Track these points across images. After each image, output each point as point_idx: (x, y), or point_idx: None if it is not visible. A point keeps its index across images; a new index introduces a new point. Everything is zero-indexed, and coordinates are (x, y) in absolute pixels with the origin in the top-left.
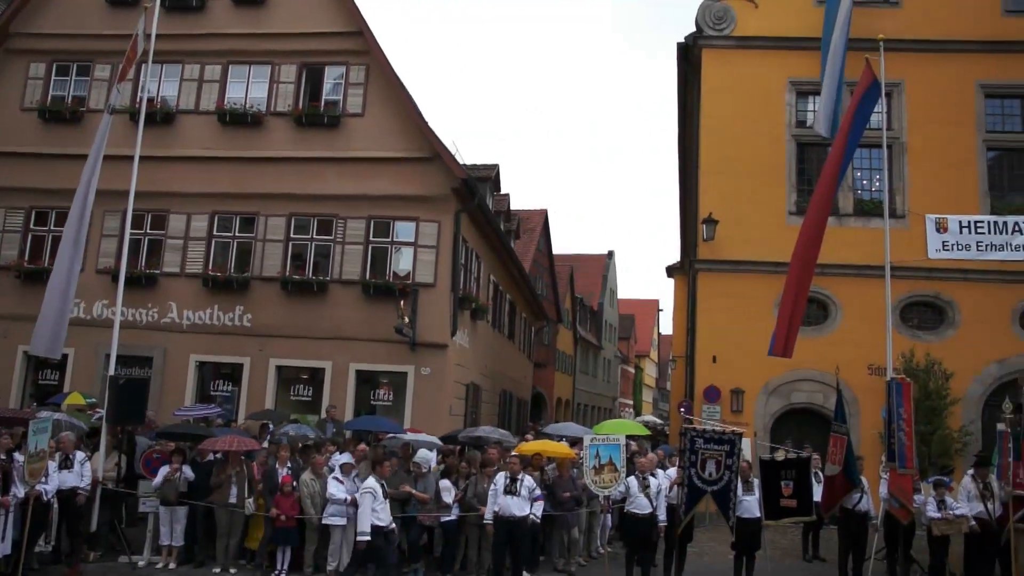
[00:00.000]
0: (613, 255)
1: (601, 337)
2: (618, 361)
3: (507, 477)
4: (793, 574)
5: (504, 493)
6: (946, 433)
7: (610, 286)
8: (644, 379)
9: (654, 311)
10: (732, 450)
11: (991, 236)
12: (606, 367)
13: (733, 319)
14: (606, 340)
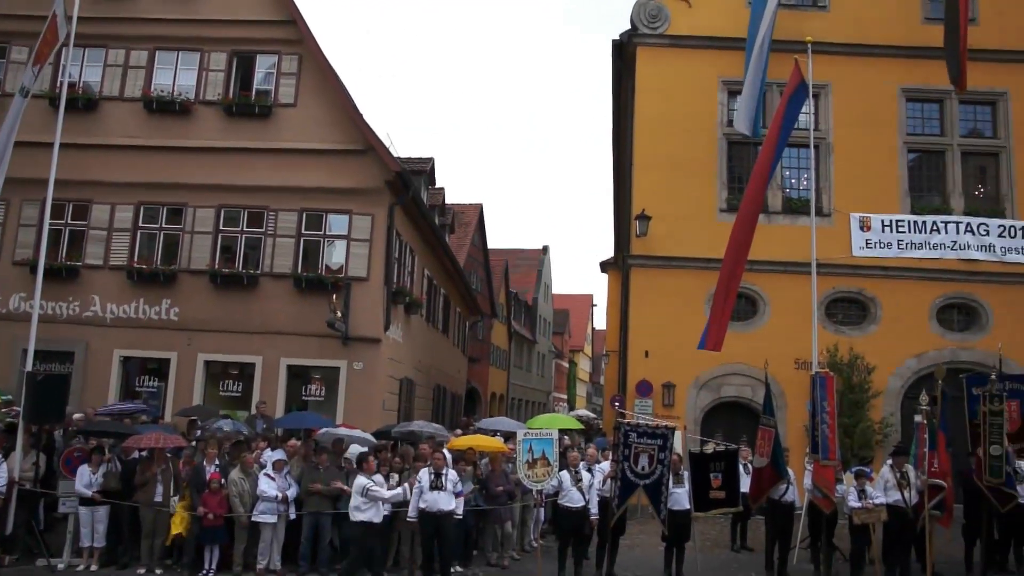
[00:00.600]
0: (548, 250)
1: (535, 332)
2: (552, 356)
3: (431, 472)
4: (721, 564)
5: (430, 488)
6: (868, 425)
7: (545, 281)
8: (578, 374)
9: (588, 306)
10: (665, 444)
11: (911, 235)
12: (540, 362)
13: (665, 314)
14: (540, 335)
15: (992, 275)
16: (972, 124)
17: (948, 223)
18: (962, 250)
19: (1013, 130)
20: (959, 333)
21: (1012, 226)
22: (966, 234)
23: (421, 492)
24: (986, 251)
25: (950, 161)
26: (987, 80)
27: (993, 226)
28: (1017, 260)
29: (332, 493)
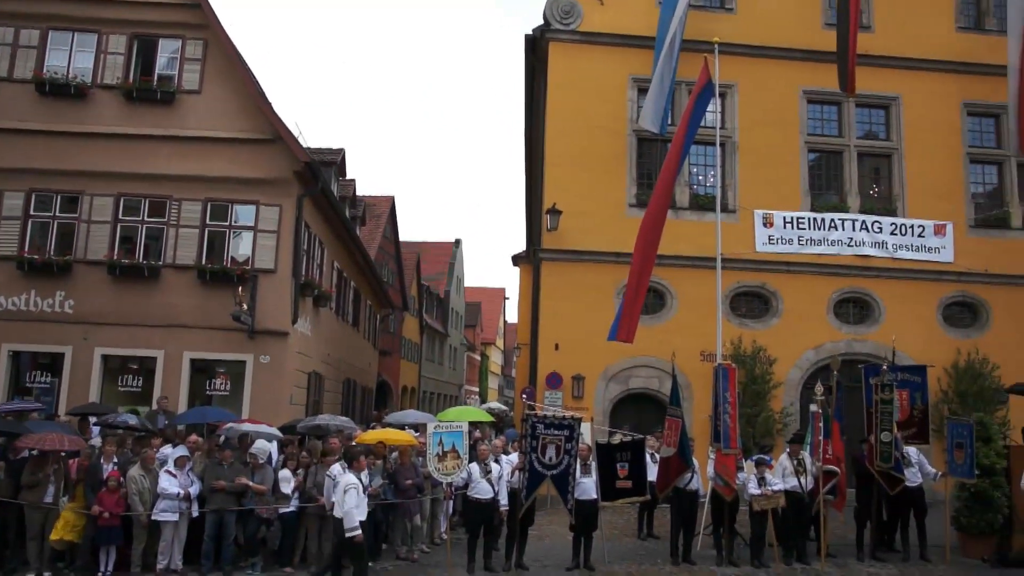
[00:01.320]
0: (460, 243)
1: (447, 325)
2: (464, 349)
3: (344, 467)
4: (628, 552)
5: None
6: (769, 415)
7: (457, 274)
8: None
9: (500, 299)
10: (572, 435)
11: (811, 231)
12: (452, 355)
13: (575, 307)
14: (452, 328)
15: (884, 271)
16: (868, 126)
17: (845, 221)
18: (857, 247)
19: (904, 133)
20: (854, 326)
21: (903, 224)
22: (861, 231)
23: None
24: (879, 248)
25: (847, 161)
26: (881, 85)
27: (886, 224)
28: (907, 256)
29: (236, 489)
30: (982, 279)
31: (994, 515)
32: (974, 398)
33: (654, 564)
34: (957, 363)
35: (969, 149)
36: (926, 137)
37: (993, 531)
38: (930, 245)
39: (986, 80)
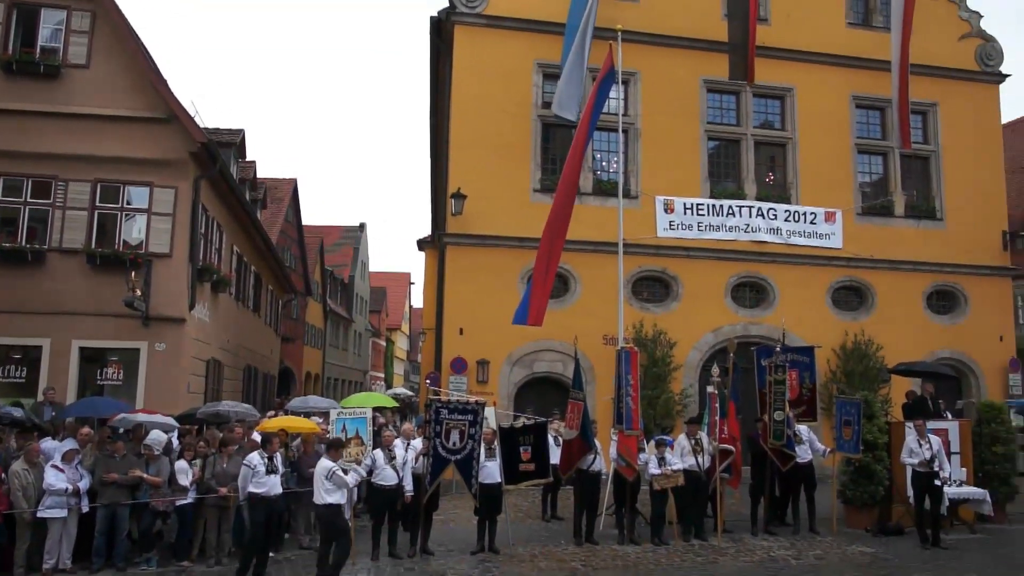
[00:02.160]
0: (365, 227)
1: (352, 310)
2: (369, 334)
3: (263, 456)
4: (533, 533)
5: (267, 472)
6: (669, 396)
7: (361, 259)
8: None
9: (406, 284)
10: (475, 419)
11: (710, 218)
12: (357, 340)
13: (480, 292)
14: (357, 313)
15: (778, 256)
16: (764, 116)
17: (742, 207)
18: (754, 233)
19: (798, 123)
20: (750, 309)
21: (796, 211)
22: (757, 218)
23: (257, 476)
24: (774, 234)
25: (745, 150)
26: (777, 76)
27: (780, 211)
28: (800, 243)
29: (130, 482)
30: (868, 264)
31: (876, 488)
32: (860, 377)
33: (558, 545)
34: (845, 344)
35: (857, 140)
36: (818, 128)
37: (875, 503)
38: (821, 232)
39: (873, 74)
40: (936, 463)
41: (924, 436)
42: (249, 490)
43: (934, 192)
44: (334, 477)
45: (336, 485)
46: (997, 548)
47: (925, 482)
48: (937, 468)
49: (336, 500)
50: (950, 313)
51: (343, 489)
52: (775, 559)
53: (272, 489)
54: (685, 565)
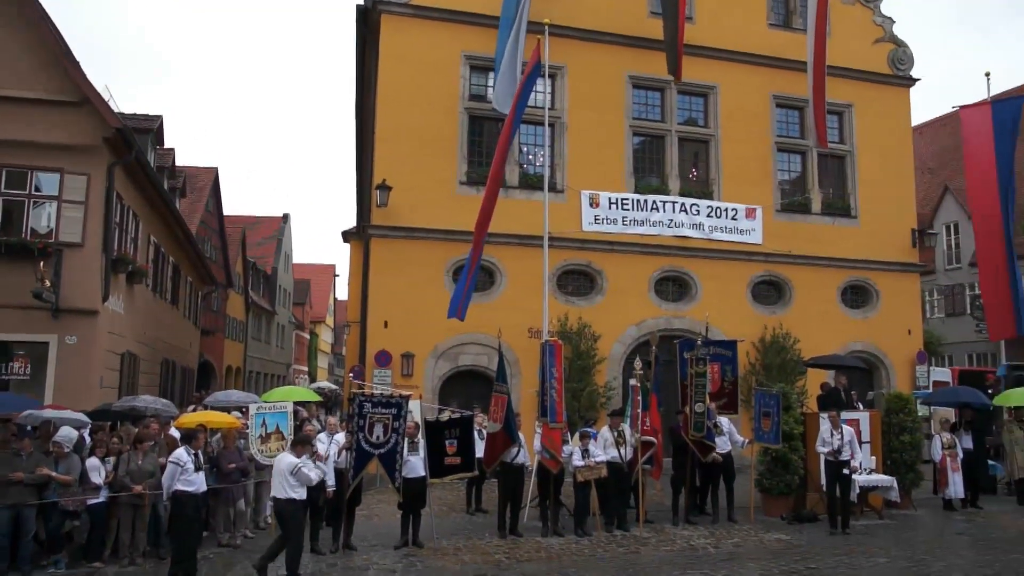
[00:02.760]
0: (289, 218)
1: (275, 303)
2: (293, 327)
3: (191, 452)
4: (457, 527)
5: (196, 470)
6: (594, 389)
7: (285, 250)
8: (320, 345)
9: (331, 276)
10: (399, 413)
11: (634, 212)
12: (280, 333)
13: (405, 285)
14: (280, 305)
15: (701, 251)
16: (688, 113)
17: (666, 202)
18: (677, 228)
19: (721, 121)
20: (673, 303)
21: (718, 207)
22: (680, 213)
23: (186, 473)
24: (697, 229)
25: (669, 146)
26: (701, 74)
27: (703, 206)
28: (722, 238)
29: (37, 481)
30: (786, 259)
31: (792, 477)
32: (778, 370)
33: (482, 538)
34: (764, 337)
35: (777, 138)
36: (740, 125)
37: (791, 491)
38: (742, 227)
39: (793, 75)
40: (847, 452)
41: (837, 427)
42: (177, 488)
43: (849, 191)
44: (299, 473)
45: (300, 482)
46: (903, 532)
47: (835, 470)
48: (847, 457)
49: (299, 496)
50: (863, 307)
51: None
52: (695, 548)
53: (200, 487)
54: (607, 556)
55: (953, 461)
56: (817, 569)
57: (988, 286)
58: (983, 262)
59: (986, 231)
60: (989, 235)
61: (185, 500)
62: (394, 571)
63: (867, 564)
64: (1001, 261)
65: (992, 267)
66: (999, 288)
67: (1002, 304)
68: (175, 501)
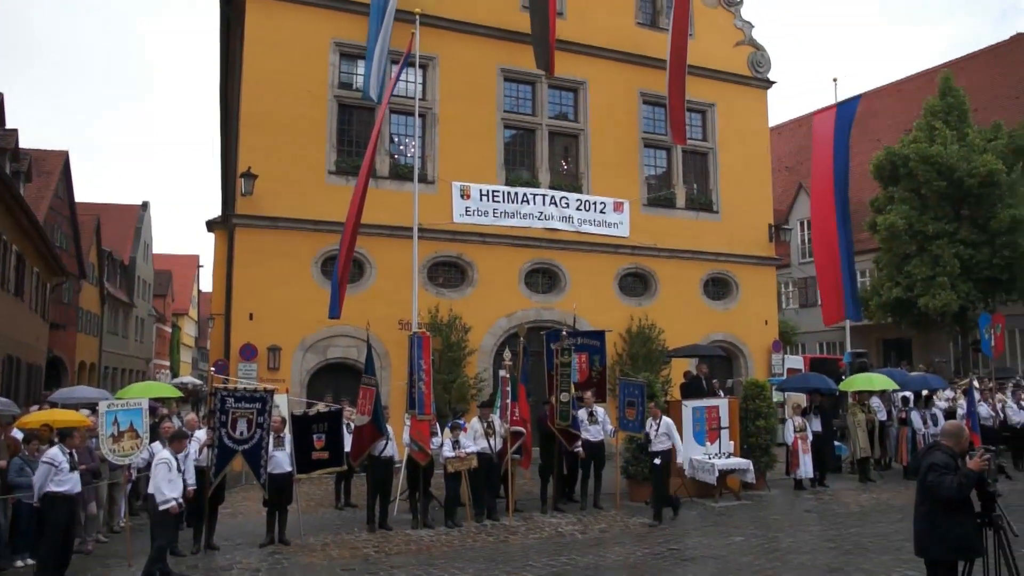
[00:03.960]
0: (148, 206)
1: (133, 295)
2: (153, 320)
3: (65, 451)
4: (325, 522)
5: (71, 469)
6: (464, 380)
7: (144, 239)
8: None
9: (194, 267)
10: (264, 408)
11: (505, 204)
12: (139, 327)
13: (272, 276)
14: (139, 298)
15: (570, 243)
16: (559, 107)
17: (536, 195)
18: (547, 220)
19: (590, 116)
20: (543, 294)
21: (587, 200)
22: (550, 206)
23: (61, 473)
24: (566, 222)
25: (539, 139)
26: (571, 69)
27: (572, 199)
28: (590, 231)
29: None
30: (652, 252)
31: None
32: (643, 360)
33: (351, 533)
34: (630, 328)
35: (643, 134)
36: (608, 121)
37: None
38: (610, 221)
39: (659, 73)
40: (661, 443)
41: (656, 417)
42: (49, 489)
43: (711, 187)
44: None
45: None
46: (758, 511)
47: (650, 460)
48: (661, 447)
49: (176, 494)
50: (723, 299)
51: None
52: (563, 534)
53: (75, 487)
54: (477, 546)
55: (804, 444)
56: (678, 550)
57: (823, 276)
58: (819, 254)
59: (823, 226)
60: (825, 230)
61: (58, 502)
62: (258, 570)
63: (724, 543)
64: (835, 253)
65: (828, 259)
66: (832, 278)
67: (834, 293)
68: (47, 503)
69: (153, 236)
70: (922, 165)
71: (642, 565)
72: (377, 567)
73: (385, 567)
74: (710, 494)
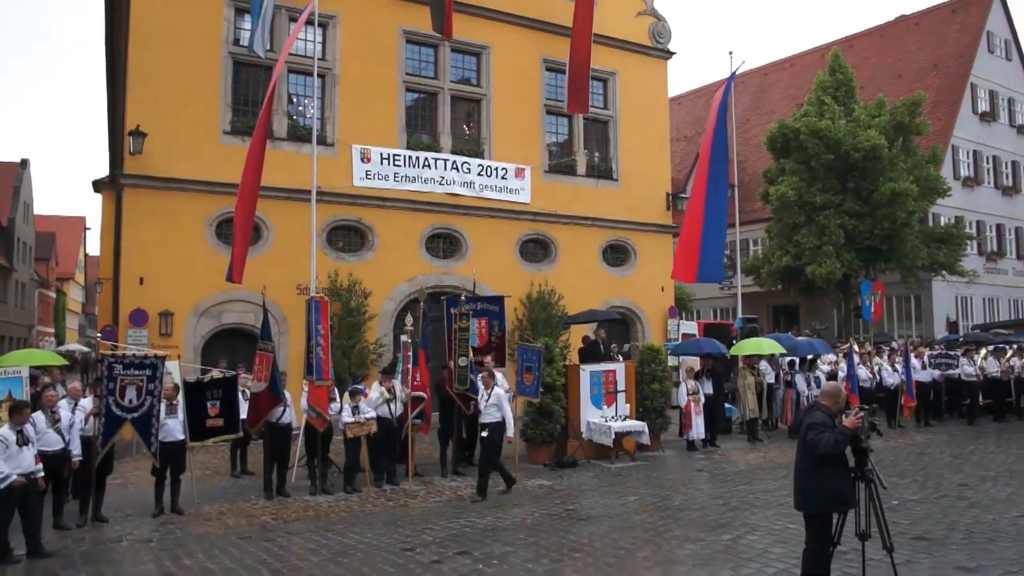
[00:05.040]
0: (28, 164)
1: (13, 258)
2: (36, 285)
3: (14, 428)
4: (221, 491)
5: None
6: (364, 346)
7: (24, 199)
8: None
9: (80, 229)
10: (154, 374)
11: (406, 169)
12: (19, 292)
13: (163, 239)
14: (20, 261)
15: (472, 209)
16: (461, 72)
17: (438, 160)
18: (448, 185)
19: (493, 81)
20: (444, 260)
21: (489, 166)
22: (452, 171)
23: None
24: (468, 187)
25: (442, 103)
26: (474, 33)
27: (474, 165)
28: (492, 196)
29: None
30: (552, 219)
31: (554, 425)
32: (543, 325)
33: (248, 500)
34: (531, 294)
35: (546, 101)
36: (511, 87)
37: (553, 439)
38: (512, 187)
39: (563, 40)
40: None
41: (488, 386)
42: None
43: (612, 154)
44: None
45: None
46: (652, 472)
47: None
48: (490, 419)
49: (16, 469)
50: (622, 266)
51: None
52: (462, 497)
53: (23, 465)
54: (376, 510)
55: (696, 406)
56: (574, 510)
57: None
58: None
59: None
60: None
61: None
62: (150, 540)
63: (619, 503)
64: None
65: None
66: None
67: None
68: None
69: (34, 196)
70: (812, 138)
71: (539, 525)
72: (275, 534)
73: (283, 533)
74: (606, 455)
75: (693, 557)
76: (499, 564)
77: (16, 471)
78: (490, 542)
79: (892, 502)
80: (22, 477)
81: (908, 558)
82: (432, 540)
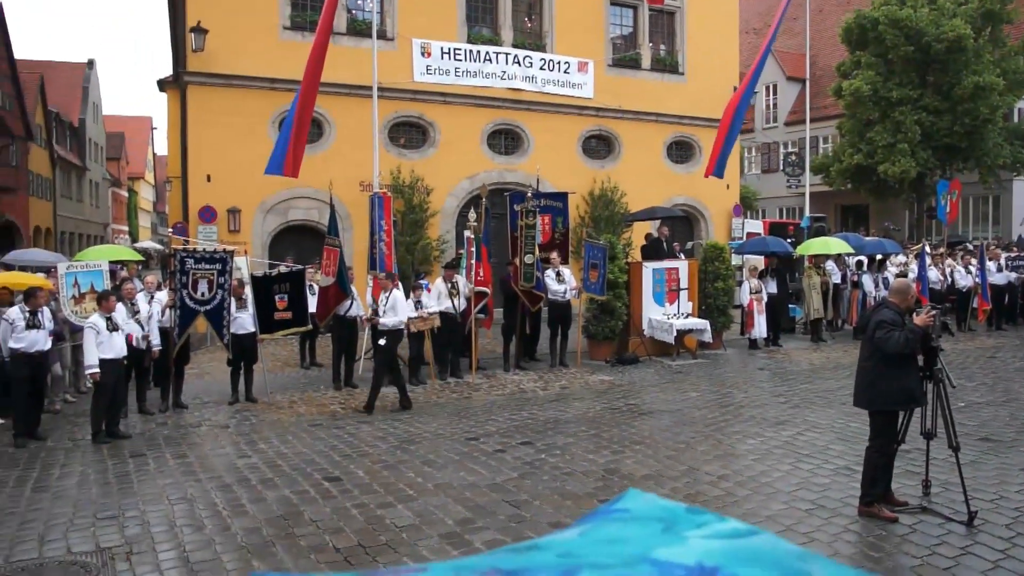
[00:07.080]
0: (94, 64)
1: (85, 157)
2: (108, 184)
3: (24, 311)
4: (291, 381)
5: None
6: (427, 242)
7: (93, 99)
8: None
9: (148, 129)
10: (224, 268)
11: (467, 63)
12: (94, 191)
13: (228, 136)
14: (92, 161)
15: (533, 104)
16: None
17: (499, 54)
18: (510, 80)
19: None
20: (506, 156)
21: (551, 60)
22: (513, 65)
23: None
24: (529, 82)
25: None
26: None
27: (536, 59)
28: (554, 91)
29: None
30: (616, 114)
31: (616, 322)
32: (606, 222)
33: (317, 390)
34: (593, 191)
35: None
36: None
37: (614, 336)
38: (574, 81)
39: None
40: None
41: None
42: (10, 346)
43: (677, 48)
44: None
45: None
46: (713, 369)
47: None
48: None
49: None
50: (687, 162)
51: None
52: (524, 391)
53: (34, 344)
54: (441, 401)
55: (759, 305)
56: (635, 405)
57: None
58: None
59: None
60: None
61: (20, 359)
62: (227, 426)
63: (680, 399)
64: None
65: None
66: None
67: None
68: (11, 361)
69: (102, 96)
70: (891, 29)
71: (600, 418)
72: (344, 422)
73: (352, 422)
74: (668, 353)
75: (752, 452)
76: (561, 454)
77: (110, 354)
78: (552, 433)
79: (959, 404)
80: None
81: (974, 458)
82: (496, 430)
